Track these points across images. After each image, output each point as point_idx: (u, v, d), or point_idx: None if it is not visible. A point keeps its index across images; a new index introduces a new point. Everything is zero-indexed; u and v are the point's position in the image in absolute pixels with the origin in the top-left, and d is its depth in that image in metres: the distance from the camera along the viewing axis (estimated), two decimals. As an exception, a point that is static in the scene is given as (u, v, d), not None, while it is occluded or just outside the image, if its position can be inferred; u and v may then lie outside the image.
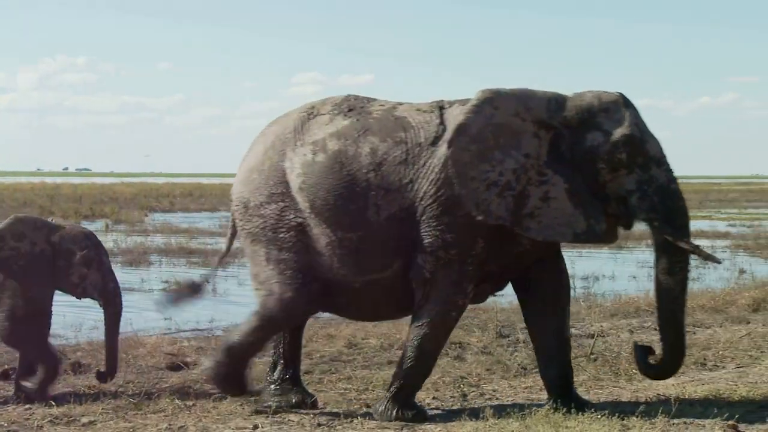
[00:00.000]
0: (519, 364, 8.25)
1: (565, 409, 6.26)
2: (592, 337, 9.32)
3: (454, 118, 6.30)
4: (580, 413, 6.19)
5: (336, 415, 6.54)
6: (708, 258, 6.41)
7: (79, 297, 7.35)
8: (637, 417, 6.08)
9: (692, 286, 10.37)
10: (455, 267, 6.23)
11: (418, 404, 6.59)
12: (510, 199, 6.13)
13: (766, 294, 12.09)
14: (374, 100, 6.72)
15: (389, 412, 6.40)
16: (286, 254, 6.50)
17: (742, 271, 16.12)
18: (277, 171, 6.58)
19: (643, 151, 6.19)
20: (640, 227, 6.42)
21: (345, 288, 6.50)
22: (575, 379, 7.48)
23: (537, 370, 7.95)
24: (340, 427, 6.31)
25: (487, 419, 6.23)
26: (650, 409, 6.29)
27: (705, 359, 8.36)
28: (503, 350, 8.92)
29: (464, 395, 7.13)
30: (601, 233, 6.24)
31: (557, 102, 6.31)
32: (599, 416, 6.10)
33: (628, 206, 6.21)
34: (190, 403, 6.91)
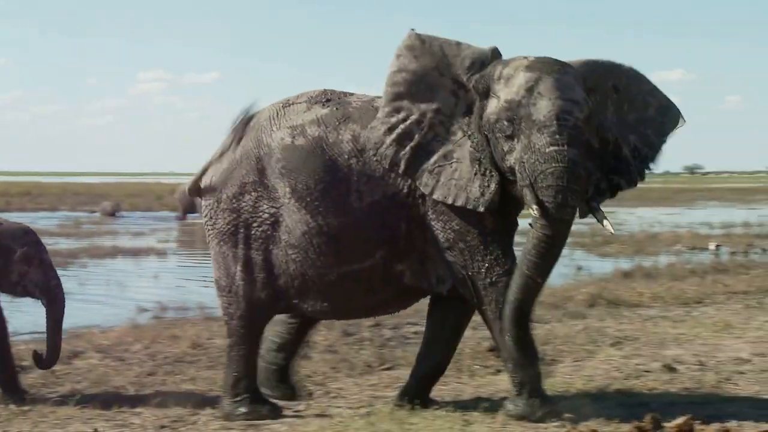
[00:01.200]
0: (364, 362, 8.29)
1: (409, 406, 6.32)
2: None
3: None
4: (425, 410, 6.27)
5: (180, 416, 6.45)
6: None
7: (18, 296, 7.02)
8: (479, 412, 6.19)
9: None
10: (483, 251, 5.98)
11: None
12: (409, 150, 5.99)
13: (602, 290, 12.55)
14: (351, 93, 6.55)
15: (527, 410, 6.00)
16: (255, 253, 6.33)
17: (579, 268, 16.63)
18: (249, 159, 6.38)
19: (525, 115, 5.71)
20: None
21: (318, 282, 6.27)
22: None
23: (383, 367, 8.06)
24: (183, 428, 6.22)
25: (333, 417, 6.25)
26: (492, 404, 6.42)
27: (543, 354, 8.58)
28: (349, 348, 8.95)
29: (310, 394, 7.12)
30: (487, 203, 5.85)
31: (482, 64, 6.04)
32: (442, 412, 6.19)
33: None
34: (26, 408, 6.69)
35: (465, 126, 6.02)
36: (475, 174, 5.92)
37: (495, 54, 6.07)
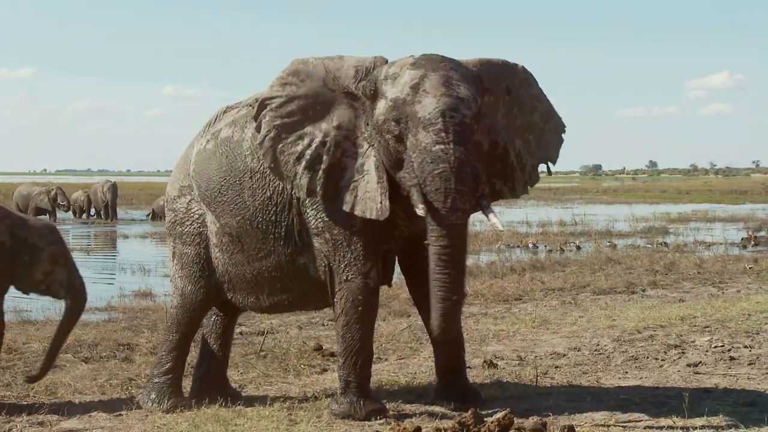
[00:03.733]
0: (189, 365, 8.18)
1: (234, 407, 6.27)
2: (262, 335, 9.43)
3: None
4: (250, 410, 6.24)
5: (-6, 424, 6.22)
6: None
7: (40, 294, 6.84)
8: (304, 411, 6.21)
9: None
10: (344, 246, 5.97)
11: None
12: (321, 173, 5.87)
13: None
14: None
15: (351, 408, 5.97)
16: (188, 248, 6.55)
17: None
18: (186, 164, 6.63)
19: (411, 113, 5.59)
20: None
21: (240, 278, 6.42)
22: (246, 375, 7.54)
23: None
24: (-2, 437, 5.99)
25: (156, 421, 6.15)
26: (317, 403, 6.45)
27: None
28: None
29: (133, 397, 6.97)
30: (385, 212, 5.73)
31: (367, 70, 5.97)
32: (268, 412, 6.18)
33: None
34: None
35: (368, 136, 5.89)
36: (378, 183, 5.77)
37: (380, 60, 6.00)
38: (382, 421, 5.93)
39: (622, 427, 5.74)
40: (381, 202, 5.72)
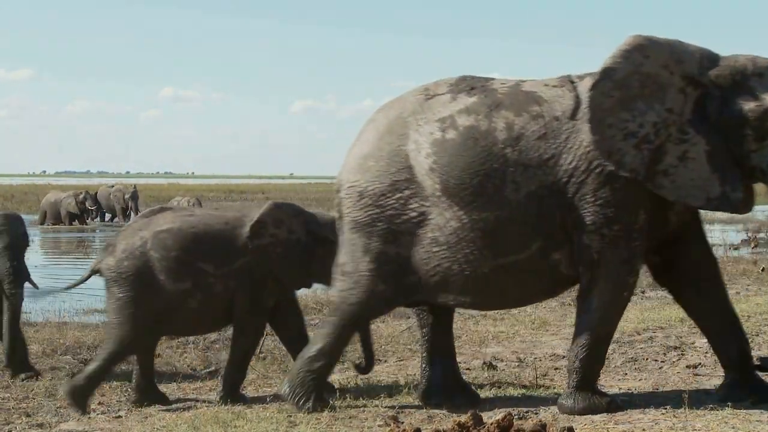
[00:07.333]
0: (188, 366, 8.19)
1: (233, 409, 6.26)
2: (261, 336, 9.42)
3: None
4: (249, 412, 6.25)
5: (-7, 426, 6.22)
6: None
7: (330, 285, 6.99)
8: (303, 413, 6.21)
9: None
10: (622, 244, 5.93)
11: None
12: (646, 153, 5.85)
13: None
14: (492, 78, 6.32)
15: (579, 403, 6.04)
16: (388, 247, 6.17)
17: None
18: (398, 156, 6.18)
19: None
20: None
21: (467, 275, 6.09)
22: (245, 377, 7.53)
23: (207, 370, 7.96)
24: (-3, 439, 6.00)
25: (155, 423, 6.14)
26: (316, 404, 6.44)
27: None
28: (173, 352, 8.81)
29: (133, 399, 6.96)
30: (735, 202, 5.94)
31: (710, 59, 6.00)
32: (267, 414, 6.18)
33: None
34: None
35: (696, 123, 5.93)
36: (713, 172, 5.87)
37: (715, 54, 6.06)
38: (381, 422, 5.94)
39: (622, 428, 5.74)
40: (724, 194, 5.88)
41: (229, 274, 6.77)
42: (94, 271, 6.90)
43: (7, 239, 7.79)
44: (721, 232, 24.83)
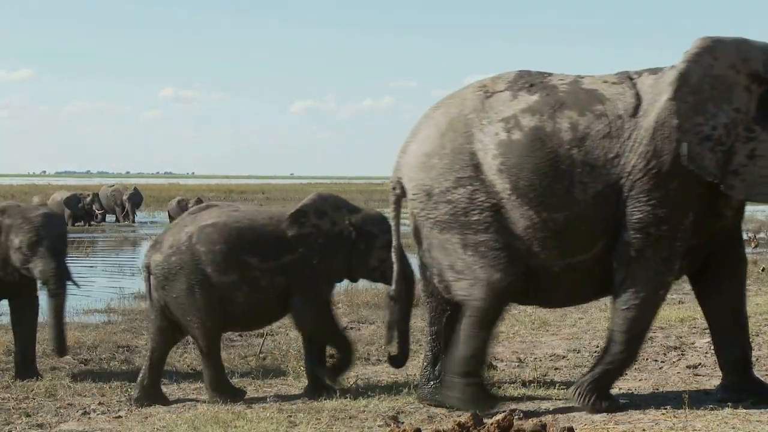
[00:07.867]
0: (188, 366, 8.19)
1: (233, 409, 6.26)
2: (261, 336, 9.41)
3: (650, 87, 6.04)
4: (249, 412, 6.25)
5: (-7, 426, 6.22)
6: None
7: (374, 281, 7.39)
8: (303, 413, 6.21)
9: (359, 285, 10.70)
10: (665, 243, 5.96)
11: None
12: (720, 155, 5.87)
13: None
14: (549, 74, 6.32)
15: (587, 398, 6.08)
16: (484, 236, 6.12)
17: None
18: (462, 154, 6.17)
19: None
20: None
21: (540, 273, 6.13)
22: (245, 377, 7.53)
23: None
24: (-4, 439, 6.00)
25: (155, 423, 6.14)
26: (316, 404, 6.45)
27: (369, 354, 8.66)
28: (173, 352, 8.77)
29: (133, 399, 6.96)
30: None
31: None
32: (267, 414, 6.18)
33: None
34: None
35: (761, 120, 5.96)
36: None
37: None
38: (381, 422, 5.94)
39: (622, 428, 5.74)
40: None
41: (276, 269, 6.79)
42: (144, 268, 6.98)
43: (50, 240, 7.76)
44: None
